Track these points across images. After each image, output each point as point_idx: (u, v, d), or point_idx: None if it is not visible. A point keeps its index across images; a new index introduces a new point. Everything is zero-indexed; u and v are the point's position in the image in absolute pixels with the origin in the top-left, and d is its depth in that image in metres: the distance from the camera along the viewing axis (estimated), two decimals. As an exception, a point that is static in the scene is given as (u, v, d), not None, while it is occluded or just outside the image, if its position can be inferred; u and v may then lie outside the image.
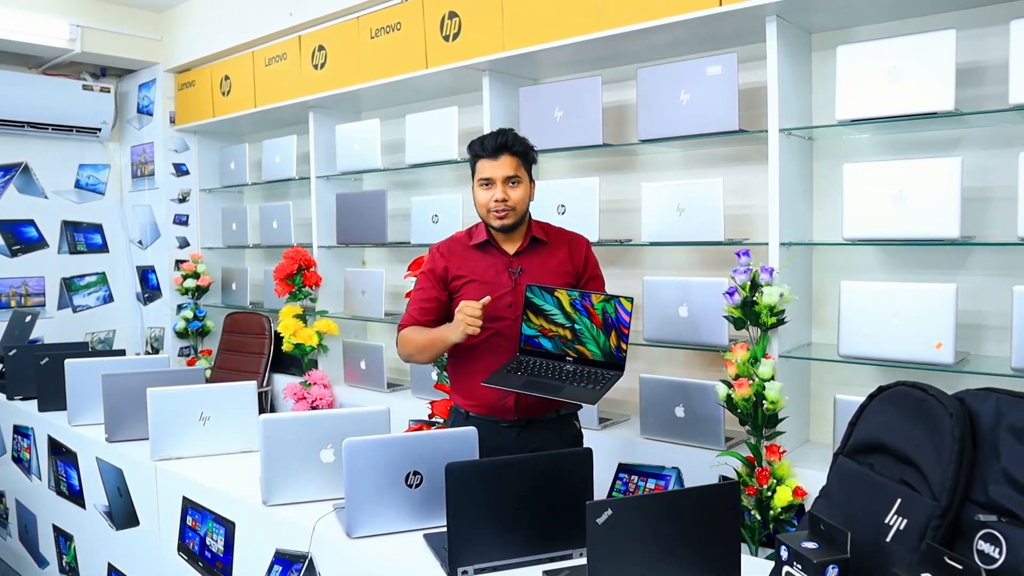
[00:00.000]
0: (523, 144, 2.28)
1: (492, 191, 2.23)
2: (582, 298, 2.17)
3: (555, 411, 2.33)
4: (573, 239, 2.41)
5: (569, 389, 2.11)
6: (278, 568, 2.06)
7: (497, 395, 2.27)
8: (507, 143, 2.23)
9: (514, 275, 2.29)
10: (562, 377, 2.16)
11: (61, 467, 3.10)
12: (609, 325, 2.14)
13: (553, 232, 2.40)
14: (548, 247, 2.35)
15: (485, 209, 2.26)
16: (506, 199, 2.22)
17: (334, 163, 4.37)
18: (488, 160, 2.24)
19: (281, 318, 4.27)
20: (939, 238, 2.39)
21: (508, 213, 2.23)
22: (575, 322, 2.19)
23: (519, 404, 2.27)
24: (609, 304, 2.14)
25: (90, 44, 4.92)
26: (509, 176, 2.23)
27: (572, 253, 2.36)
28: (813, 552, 1.26)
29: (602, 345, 2.16)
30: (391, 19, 3.81)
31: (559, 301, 2.20)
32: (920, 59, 2.41)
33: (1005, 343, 2.38)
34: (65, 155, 5.34)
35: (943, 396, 1.32)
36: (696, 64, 2.88)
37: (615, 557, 1.38)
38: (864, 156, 2.82)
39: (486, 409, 2.32)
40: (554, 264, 2.32)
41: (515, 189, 2.24)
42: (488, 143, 2.24)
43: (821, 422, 2.93)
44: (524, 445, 2.27)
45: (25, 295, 5.15)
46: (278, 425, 2.08)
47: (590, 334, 2.17)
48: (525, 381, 2.16)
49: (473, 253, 2.35)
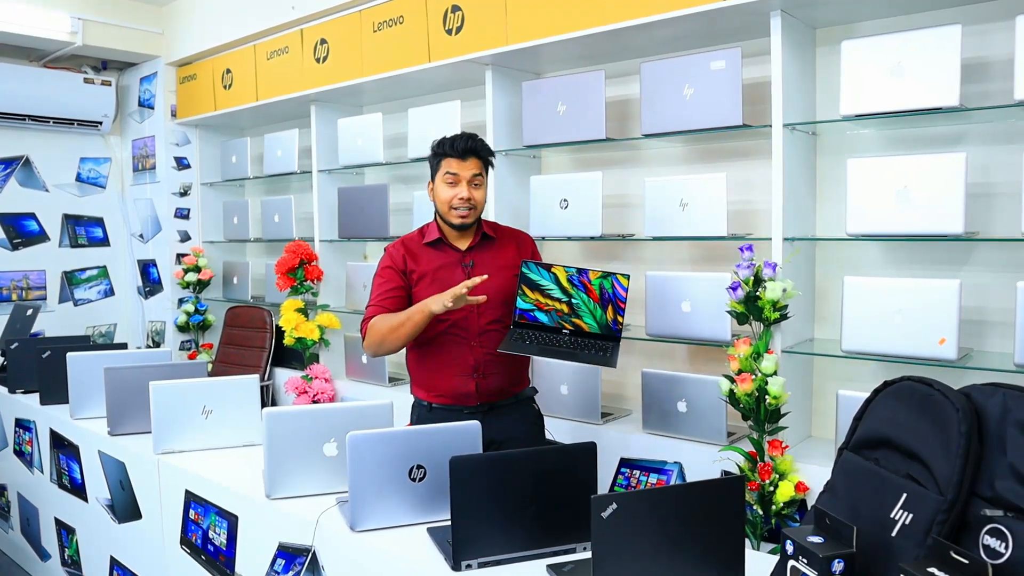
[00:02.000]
0: (488, 150, 2.43)
1: (457, 189, 2.36)
2: (579, 274, 2.30)
3: (514, 395, 2.48)
4: (520, 237, 2.59)
5: (584, 354, 2.23)
6: (281, 562, 2.06)
7: (459, 382, 2.40)
8: (476, 148, 2.38)
9: (467, 269, 2.41)
10: (571, 345, 2.27)
11: (63, 460, 3.10)
12: (606, 300, 2.27)
13: (502, 230, 2.56)
14: (497, 243, 2.50)
15: (447, 205, 2.38)
16: (471, 198, 2.36)
17: (336, 157, 4.36)
18: (456, 159, 2.36)
19: (282, 312, 4.27)
20: (943, 234, 2.39)
21: (471, 212, 2.38)
22: (572, 296, 2.32)
23: (480, 389, 2.40)
24: (606, 280, 2.27)
25: (91, 37, 4.90)
26: (475, 174, 2.37)
27: (520, 250, 2.52)
28: (819, 546, 1.26)
29: (599, 319, 2.29)
30: (393, 13, 3.80)
31: (556, 277, 2.33)
32: (925, 54, 2.40)
33: (1009, 339, 2.38)
34: (66, 148, 5.33)
35: (949, 391, 1.32)
36: (700, 59, 2.87)
37: (619, 551, 1.38)
38: (868, 151, 2.81)
39: (449, 399, 2.44)
40: (504, 259, 2.46)
41: (478, 190, 2.39)
42: (458, 144, 2.36)
43: (823, 418, 2.93)
44: (488, 429, 2.25)
45: (26, 288, 5.15)
46: (281, 419, 2.08)
47: (587, 308, 2.30)
48: (538, 348, 2.27)
49: (427, 251, 2.46)
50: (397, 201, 4.21)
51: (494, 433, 2.37)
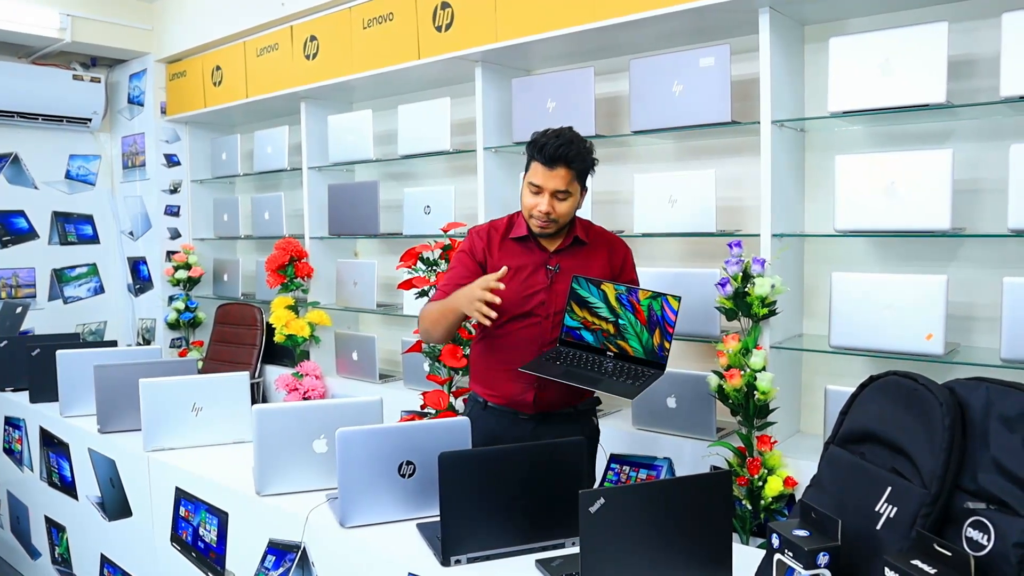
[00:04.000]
0: (582, 158, 2.16)
1: (539, 199, 2.15)
2: (629, 293, 2.13)
3: (572, 406, 2.30)
4: (614, 243, 2.36)
5: (607, 383, 2.07)
6: (271, 558, 2.06)
7: (518, 388, 2.24)
8: (566, 156, 2.12)
9: (551, 273, 2.24)
10: (601, 371, 2.12)
11: (53, 458, 3.09)
12: (654, 323, 2.09)
13: (595, 232, 2.34)
14: (589, 248, 2.29)
15: (528, 213, 2.20)
16: (550, 212, 2.15)
17: (326, 154, 4.35)
18: (542, 167, 2.14)
19: (273, 309, 4.26)
20: (930, 230, 2.41)
21: (550, 224, 2.18)
22: (619, 317, 2.14)
23: (538, 399, 2.24)
24: (656, 301, 2.09)
25: (80, 34, 4.88)
26: (559, 190, 2.14)
27: (612, 257, 2.31)
28: (804, 540, 1.27)
29: (644, 342, 2.11)
30: (383, 9, 3.79)
31: (605, 295, 2.15)
32: (912, 51, 2.41)
33: (995, 334, 2.40)
34: (55, 146, 5.31)
35: (934, 385, 1.33)
36: (689, 56, 2.88)
37: (608, 545, 1.39)
38: (856, 148, 2.83)
39: (505, 401, 2.29)
40: (593, 266, 2.27)
41: (562, 203, 2.16)
42: (548, 150, 2.12)
43: (812, 412, 2.95)
44: (540, 438, 2.20)
45: (15, 286, 5.13)
46: (271, 415, 2.08)
47: (633, 330, 2.13)
48: (564, 371, 2.13)
49: (511, 245, 2.28)
50: (387, 198, 4.20)
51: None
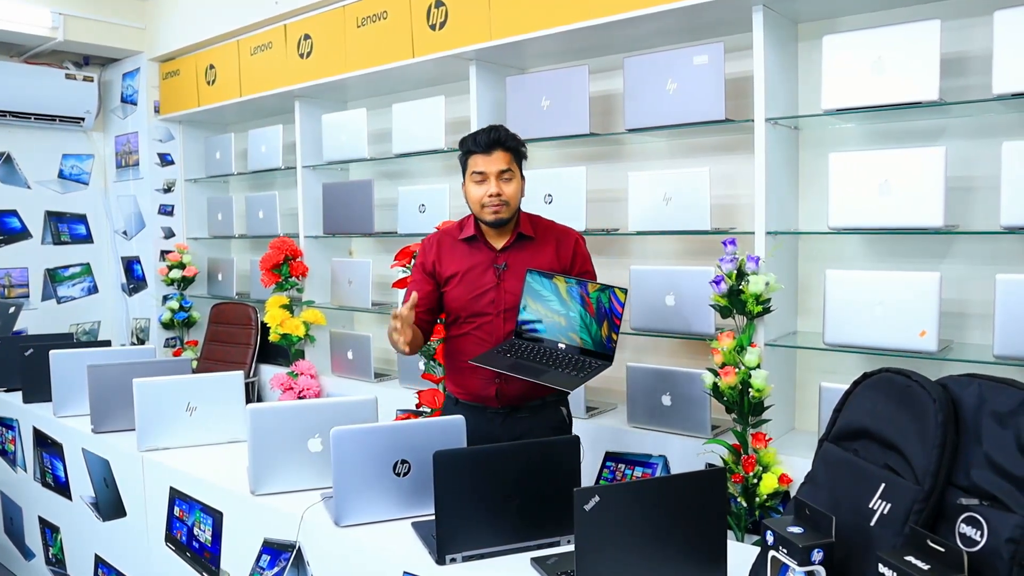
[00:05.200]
0: (515, 140, 2.30)
1: (486, 186, 2.24)
2: (579, 286, 2.19)
3: (540, 398, 2.34)
4: (562, 234, 2.40)
5: (551, 374, 2.12)
6: (266, 557, 2.06)
7: (481, 383, 2.32)
8: (500, 139, 2.25)
9: (499, 271, 2.31)
10: (549, 362, 2.18)
11: (47, 459, 3.08)
12: (602, 315, 2.16)
13: (543, 226, 2.39)
14: (535, 243, 2.35)
15: (479, 204, 2.26)
16: (500, 193, 2.24)
17: (320, 153, 4.35)
18: (481, 155, 2.25)
19: (268, 308, 4.25)
20: (923, 227, 2.41)
21: (502, 207, 2.25)
22: (570, 309, 2.21)
23: (501, 393, 2.31)
24: (604, 294, 2.15)
25: (73, 32, 4.86)
26: (503, 170, 2.24)
27: (560, 249, 2.36)
28: (798, 536, 1.27)
29: (594, 334, 2.17)
30: (377, 8, 3.78)
31: (556, 288, 2.22)
32: (905, 49, 2.42)
33: (988, 331, 2.41)
34: (48, 145, 5.29)
35: (926, 382, 1.34)
36: (683, 53, 2.88)
37: (602, 543, 1.39)
38: (849, 145, 2.83)
39: (472, 397, 2.36)
40: (541, 261, 2.32)
41: (508, 184, 2.26)
42: (481, 139, 2.25)
43: (806, 410, 2.96)
44: (510, 431, 2.31)
45: (8, 286, 5.11)
46: (265, 415, 2.08)
47: (583, 322, 2.19)
48: (512, 363, 2.18)
49: (461, 247, 2.37)
50: (382, 197, 4.20)
51: (515, 435, 2.30)
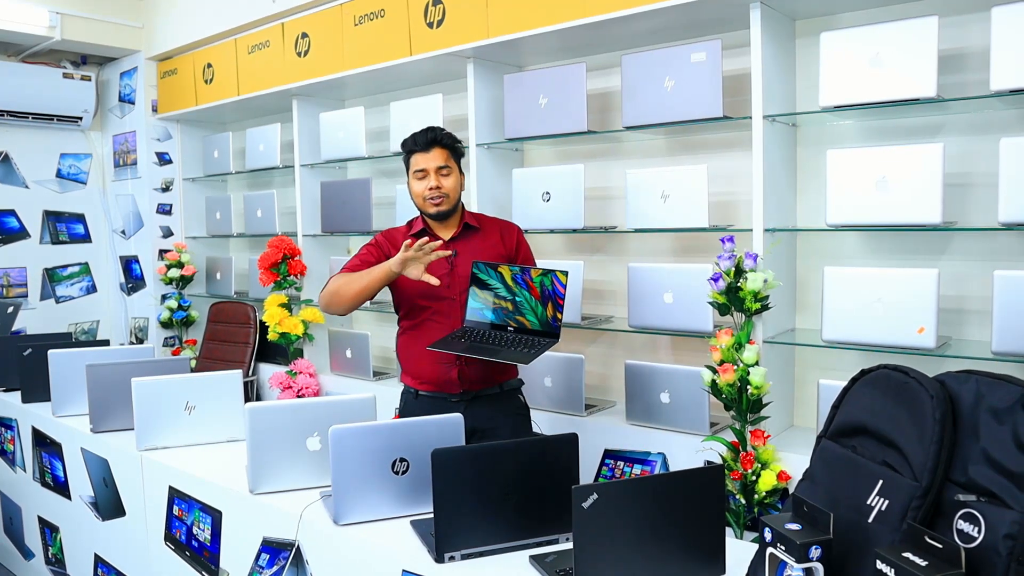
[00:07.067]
0: (451, 138, 2.52)
1: (427, 181, 2.45)
2: (522, 272, 2.39)
3: (498, 385, 2.54)
4: (505, 226, 2.64)
5: (506, 352, 2.31)
6: (265, 556, 2.06)
7: (442, 368, 2.47)
8: (437, 137, 2.47)
9: (450, 259, 2.46)
10: (501, 343, 2.36)
11: (46, 458, 3.09)
12: (546, 297, 2.35)
13: (487, 221, 2.64)
14: (481, 233, 2.57)
15: (421, 198, 2.47)
16: (440, 187, 2.45)
17: (318, 151, 4.34)
18: (421, 153, 2.46)
19: (266, 307, 4.25)
20: (921, 224, 2.41)
21: (443, 200, 2.46)
22: (515, 295, 2.41)
23: (463, 376, 2.47)
24: (546, 278, 2.35)
25: (70, 32, 4.85)
26: (441, 166, 2.45)
27: (505, 238, 2.59)
28: (796, 533, 1.28)
29: (540, 315, 2.37)
30: (374, 6, 3.78)
31: (502, 276, 2.42)
32: (903, 45, 2.42)
33: (986, 327, 2.41)
34: (46, 144, 5.28)
35: (924, 379, 1.34)
36: (680, 51, 2.88)
37: (601, 541, 1.40)
38: (847, 142, 2.83)
39: (433, 386, 2.50)
40: (487, 248, 2.54)
41: (447, 178, 2.47)
42: (420, 138, 2.47)
43: (805, 407, 2.96)
44: (473, 419, 2.38)
45: (7, 286, 5.10)
46: (264, 413, 2.08)
47: (529, 305, 2.38)
48: (468, 346, 2.37)
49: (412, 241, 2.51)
50: (380, 195, 4.20)
51: (478, 422, 2.43)
